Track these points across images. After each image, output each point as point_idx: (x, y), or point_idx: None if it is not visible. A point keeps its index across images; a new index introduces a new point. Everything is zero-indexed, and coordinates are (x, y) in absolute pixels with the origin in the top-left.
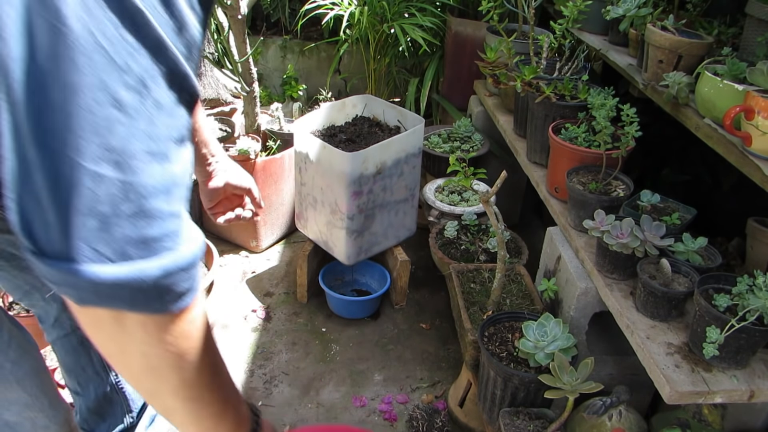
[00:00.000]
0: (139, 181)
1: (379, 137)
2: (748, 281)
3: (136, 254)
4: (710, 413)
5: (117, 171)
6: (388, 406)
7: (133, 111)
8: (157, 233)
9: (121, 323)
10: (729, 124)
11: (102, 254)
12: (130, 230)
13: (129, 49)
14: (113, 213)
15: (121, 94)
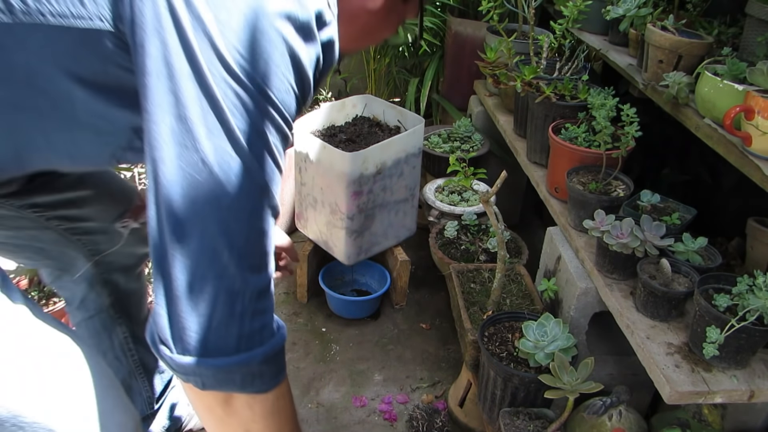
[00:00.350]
0: (261, 284)
1: (379, 137)
2: (748, 281)
3: (247, 346)
4: (710, 413)
5: (254, 275)
6: (388, 406)
7: (269, 225)
8: (262, 325)
9: (230, 404)
10: (729, 124)
11: (224, 349)
12: (247, 327)
13: (274, 176)
14: (238, 313)
15: (266, 211)
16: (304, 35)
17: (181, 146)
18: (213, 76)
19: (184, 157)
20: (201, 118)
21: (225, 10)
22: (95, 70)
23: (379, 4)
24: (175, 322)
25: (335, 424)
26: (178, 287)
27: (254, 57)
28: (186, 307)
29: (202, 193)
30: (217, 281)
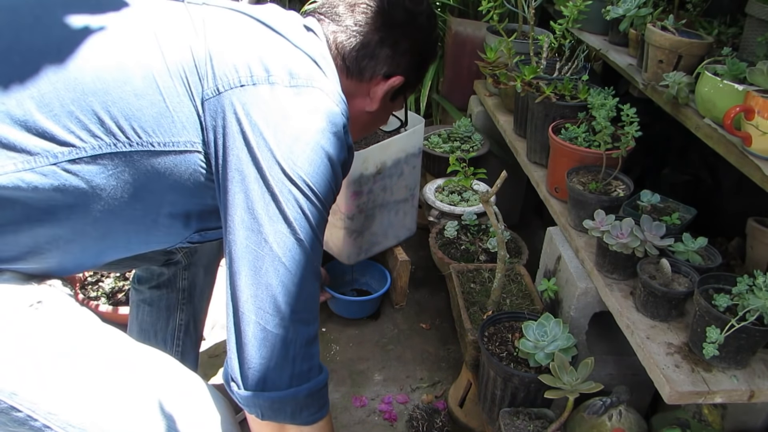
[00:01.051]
0: (310, 334)
1: (379, 137)
2: (748, 281)
3: (297, 382)
4: (710, 413)
5: (304, 327)
6: (388, 406)
7: (315, 287)
8: (309, 367)
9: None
10: (729, 124)
11: (279, 385)
12: (297, 368)
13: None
14: (294, 356)
15: (313, 276)
16: (339, 144)
17: (249, 230)
18: (273, 178)
19: (252, 238)
20: (264, 209)
21: (281, 131)
22: (185, 180)
23: (376, 107)
24: (243, 364)
25: (335, 424)
26: (247, 337)
27: (304, 163)
28: (252, 352)
29: (265, 266)
30: (276, 332)
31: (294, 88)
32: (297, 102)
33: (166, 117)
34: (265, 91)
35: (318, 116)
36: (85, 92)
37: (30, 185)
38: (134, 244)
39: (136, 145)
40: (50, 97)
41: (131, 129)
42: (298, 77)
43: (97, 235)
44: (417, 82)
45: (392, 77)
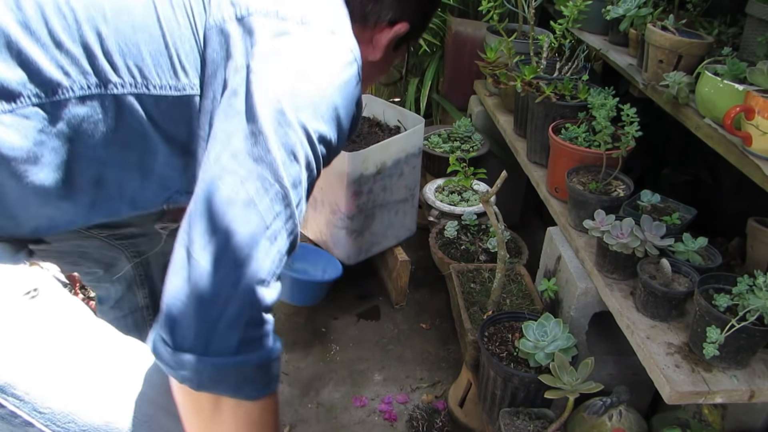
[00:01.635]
0: (270, 298)
1: (379, 137)
2: (748, 281)
3: (246, 349)
4: (710, 413)
5: (264, 289)
6: (388, 406)
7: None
8: (263, 334)
9: (218, 407)
10: (729, 124)
11: (225, 350)
12: (249, 333)
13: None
14: (249, 319)
15: (287, 236)
16: (350, 95)
17: (225, 170)
18: (267, 119)
19: (227, 179)
20: (249, 149)
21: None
22: (181, 129)
23: (379, 56)
24: (184, 321)
25: (335, 424)
26: (194, 289)
27: (308, 109)
28: (198, 308)
29: (235, 210)
30: (231, 290)
31: (304, 25)
32: (309, 41)
33: (165, 56)
34: (274, 25)
35: (332, 60)
36: (77, 20)
37: (10, 128)
38: (126, 193)
39: (129, 87)
40: (36, 23)
41: (125, 68)
42: (309, 15)
43: (87, 185)
44: (422, 30)
45: (397, 24)
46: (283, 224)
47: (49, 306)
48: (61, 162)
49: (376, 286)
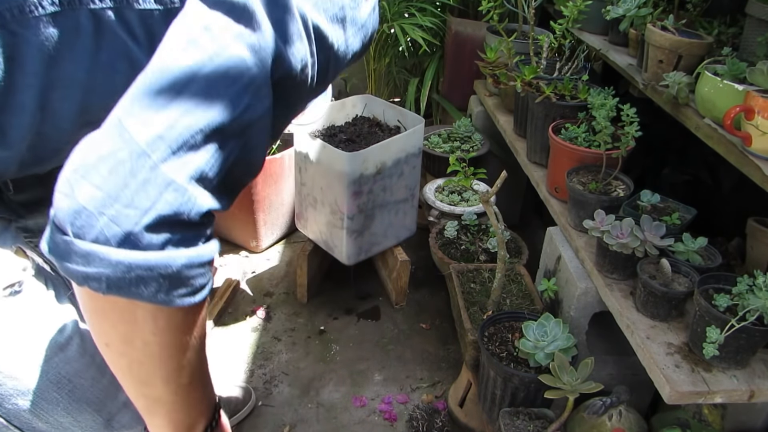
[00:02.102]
0: (208, 202)
1: (379, 137)
2: (748, 281)
3: (173, 247)
4: (710, 413)
5: (200, 191)
6: (388, 406)
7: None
8: (195, 234)
9: (132, 313)
10: (729, 124)
11: (148, 244)
12: (178, 233)
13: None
14: (173, 217)
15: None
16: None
17: (191, 42)
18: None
19: (190, 52)
20: (223, 26)
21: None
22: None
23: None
24: (98, 204)
25: (335, 424)
26: (119, 167)
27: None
28: (121, 191)
29: (194, 89)
30: (165, 179)
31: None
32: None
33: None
34: None
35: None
36: None
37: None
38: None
39: (108, 1)
40: None
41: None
42: None
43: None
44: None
45: None
46: (248, 121)
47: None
48: (39, 90)
49: (376, 286)
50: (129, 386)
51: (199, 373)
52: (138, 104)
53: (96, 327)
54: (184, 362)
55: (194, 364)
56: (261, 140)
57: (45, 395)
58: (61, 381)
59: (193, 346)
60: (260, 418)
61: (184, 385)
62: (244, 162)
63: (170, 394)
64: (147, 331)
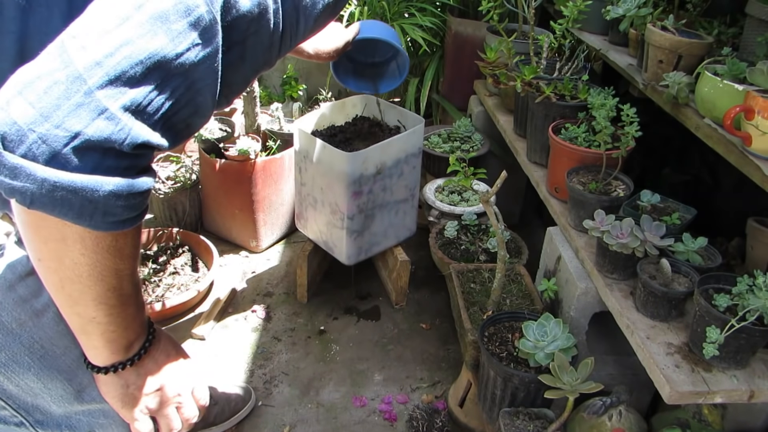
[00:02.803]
0: (145, 135)
1: (379, 137)
2: (748, 281)
3: (104, 172)
4: (710, 413)
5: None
6: (388, 406)
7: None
8: (127, 164)
9: (61, 231)
10: (729, 124)
11: (72, 167)
12: (110, 161)
13: None
14: (107, 144)
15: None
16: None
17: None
18: None
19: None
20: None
21: None
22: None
23: None
24: (31, 119)
25: (335, 424)
26: (56, 86)
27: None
28: (55, 108)
29: (139, 18)
30: (104, 104)
31: None
32: None
33: None
34: None
35: None
36: None
37: None
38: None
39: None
40: None
41: None
42: None
43: None
44: None
45: None
46: (192, 61)
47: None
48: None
49: (376, 286)
50: (62, 304)
51: (133, 296)
52: (82, 29)
53: (29, 241)
54: (115, 284)
55: (126, 287)
56: (208, 83)
57: (17, 358)
58: (33, 346)
59: (123, 270)
60: (260, 418)
61: (115, 306)
62: (191, 103)
63: (103, 315)
64: (75, 251)
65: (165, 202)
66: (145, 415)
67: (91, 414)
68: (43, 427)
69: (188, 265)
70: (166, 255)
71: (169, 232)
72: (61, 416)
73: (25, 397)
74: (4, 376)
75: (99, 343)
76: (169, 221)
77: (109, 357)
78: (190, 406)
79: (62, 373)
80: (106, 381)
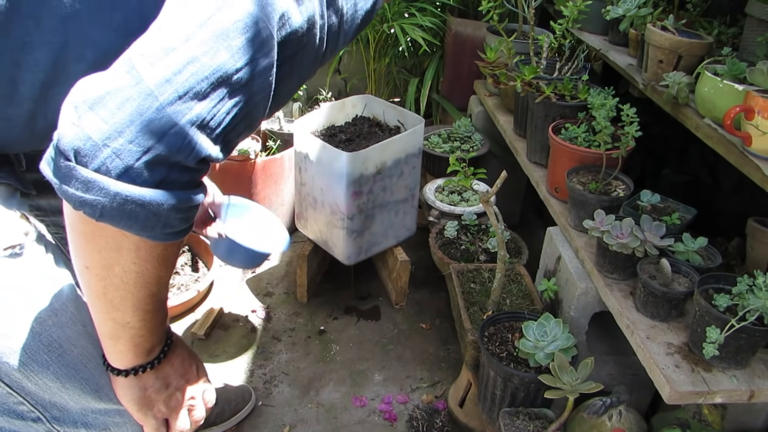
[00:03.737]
0: (208, 149)
1: (379, 137)
2: (748, 281)
3: (168, 186)
4: (710, 413)
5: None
6: (388, 406)
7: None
8: (189, 179)
9: (118, 241)
10: (729, 124)
11: (146, 180)
12: (175, 176)
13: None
14: (173, 159)
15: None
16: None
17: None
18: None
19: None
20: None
21: None
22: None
23: None
24: (105, 134)
25: (335, 424)
26: (129, 104)
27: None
28: (127, 127)
29: (202, 36)
30: (172, 121)
31: None
32: None
33: None
34: None
35: None
36: None
37: None
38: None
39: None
40: None
41: None
42: None
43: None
44: None
45: None
46: (252, 75)
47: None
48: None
49: (376, 286)
50: (100, 310)
51: (164, 302)
52: (149, 47)
53: (80, 250)
54: (155, 291)
55: (162, 293)
56: (263, 96)
57: (36, 357)
58: (52, 344)
59: (164, 278)
60: (260, 418)
61: (149, 312)
62: (247, 117)
63: (137, 320)
64: (128, 260)
65: None
66: (159, 417)
67: (107, 413)
68: (60, 423)
69: (188, 265)
70: None
71: None
72: (77, 413)
73: (42, 394)
74: (23, 374)
75: (125, 347)
76: None
77: (132, 360)
78: (201, 408)
79: (79, 372)
80: (125, 384)
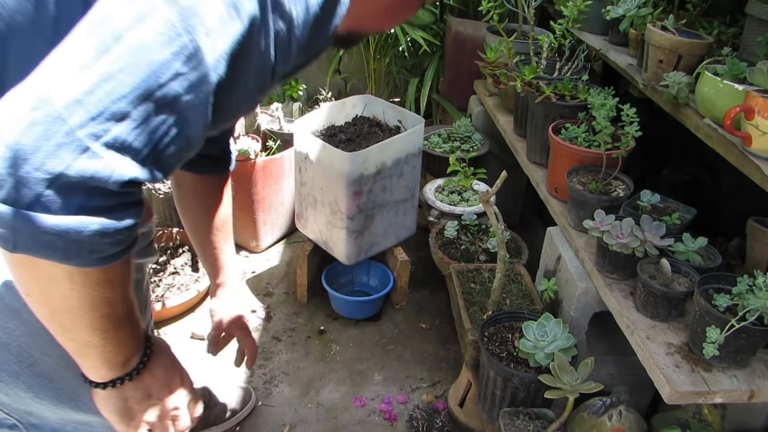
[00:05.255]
0: (131, 171)
1: (379, 137)
2: (748, 281)
3: (87, 214)
4: (710, 413)
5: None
6: (388, 406)
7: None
8: (113, 204)
9: (48, 269)
10: (729, 124)
11: (55, 209)
12: (95, 201)
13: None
14: (92, 184)
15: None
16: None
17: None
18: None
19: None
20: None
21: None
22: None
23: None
24: (9, 162)
25: (335, 424)
26: (36, 123)
27: None
28: (35, 150)
29: (119, 51)
30: (86, 142)
31: None
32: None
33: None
34: None
35: None
36: None
37: None
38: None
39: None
40: None
41: None
42: None
43: None
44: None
45: None
46: (178, 91)
47: None
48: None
49: None
50: (55, 332)
51: (127, 317)
52: (59, 64)
53: (15, 278)
54: (108, 311)
55: (119, 311)
56: (197, 112)
57: (4, 367)
58: (22, 354)
59: (114, 297)
60: (260, 418)
61: (110, 330)
62: (180, 135)
63: (98, 339)
64: (65, 287)
65: (165, 202)
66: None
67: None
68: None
69: (188, 265)
70: (166, 255)
71: (169, 232)
72: (56, 422)
73: (16, 404)
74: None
75: (96, 363)
76: (169, 221)
77: (107, 374)
78: (185, 417)
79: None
80: (104, 395)
